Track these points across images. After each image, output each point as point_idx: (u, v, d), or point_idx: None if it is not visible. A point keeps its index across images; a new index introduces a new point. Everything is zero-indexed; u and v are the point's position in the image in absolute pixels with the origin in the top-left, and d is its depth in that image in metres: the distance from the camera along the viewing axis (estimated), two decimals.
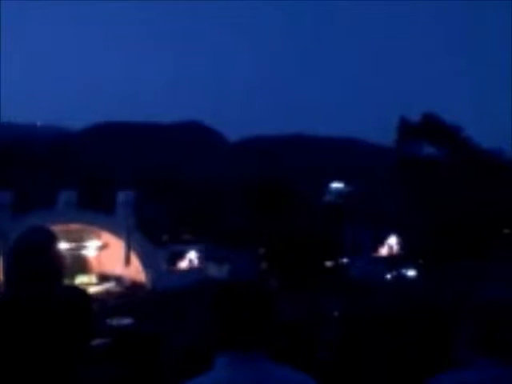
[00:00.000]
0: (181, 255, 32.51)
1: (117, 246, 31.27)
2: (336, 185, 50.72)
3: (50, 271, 2.81)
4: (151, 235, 32.85)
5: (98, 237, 31.68)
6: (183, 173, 56.88)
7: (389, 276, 33.22)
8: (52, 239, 2.95)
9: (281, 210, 39.18)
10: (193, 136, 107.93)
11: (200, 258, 32.70)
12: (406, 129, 42.84)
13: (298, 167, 66.05)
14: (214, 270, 31.70)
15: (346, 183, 50.81)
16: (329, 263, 36.26)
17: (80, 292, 2.98)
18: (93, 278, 30.34)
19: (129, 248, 31.05)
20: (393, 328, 8.43)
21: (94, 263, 31.62)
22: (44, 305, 2.71)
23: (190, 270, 31.82)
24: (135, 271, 31.04)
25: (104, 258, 31.59)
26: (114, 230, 31.24)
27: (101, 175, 46.69)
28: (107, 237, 31.61)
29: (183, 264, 32.41)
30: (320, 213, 42.17)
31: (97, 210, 31.26)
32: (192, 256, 32.65)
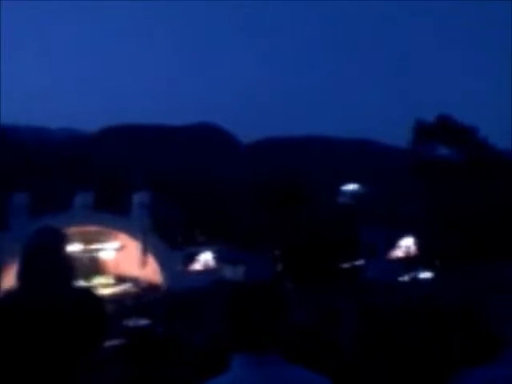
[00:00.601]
0: (196, 257, 32.61)
1: (133, 247, 31.43)
2: (350, 186, 50.51)
3: (60, 271, 2.83)
4: (166, 236, 32.96)
5: (115, 238, 31.87)
6: (197, 174, 56.96)
7: (405, 278, 33.04)
8: (62, 240, 2.96)
9: (295, 211, 39.12)
10: (206, 138, 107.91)
11: (215, 260, 32.77)
12: (421, 130, 42.63)
13: (311, 169, 65.83)
14: (228, 272, 31.76)
15: (361, 185, 50.58)
16: (344, 265, 36.11)
17: (90, 294, 2.99)
18: (110, 280, 30.53)
19: (145, 249, 31.20)
20: (409, 330, 8.40)
21: (110, 265, 31.80)
22: (52, 305, 2.73)
23: (206, 272, 31.90)
24: (151, 272, 31.17)
25: (120, 259, 31.76)
26: (130, 232, 31.42)
27: (116, 177, 46.90)
28: (124, 238, 31.79)
29: (198, 265, 32.49)
30: (334, 214, 42.03)
31: (113, 211, 31.46)
32: (207, 257, 32.73)
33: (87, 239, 30.01)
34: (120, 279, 30.89)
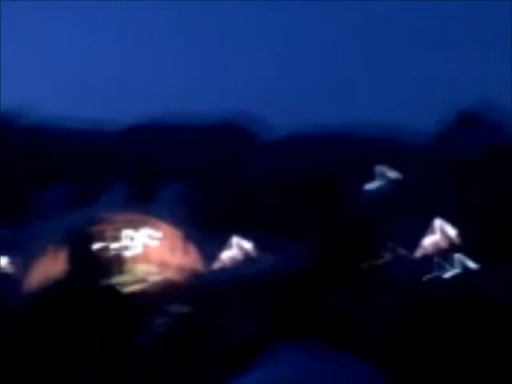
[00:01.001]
0: (232, 247, 33.04)
1: (172, 236, 31.93)
2: (385, 174, 49.98)
3: (97, 261, 3.03)
4: (204, 227, 33.31)
5: (155, 228, 32.39)
6: (230, 166, 57.05)
7: (442, 269, 32.69)
8: (98, 231, 3.15)
9: (328, 203, 38.95)
10: (238, 129, 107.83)
11: (251, 251, 33.11)
12: (460, 117, 41.97)
13: (345, 157, 65.36)
14: (264, 262, 31.98)
15: (396, 173, 50.00)
16: (374, 260, 35.83)
17: (118, 285, 3.17)
18: (149, 268, 31.01)
19: (184, 239, 31.69)
20: (449, 324, 8.14)
21: (150, 254, 32.33)
22: (90, 293, 2.92)
23: (242, 262, 32.21)
24: (191, 261, 31.60)
25: (160, 248, 32.28)
26: (170, 221, 31.91)
27: (151, 168, 47.37)
28: (163, 227, 32.30)
29: (235, 255, 32.88)
30: (365, 207, 41.69)
31: (150, 201, 31.92)
32: (244, 248, 33.09)
33: (127, 228, 30.59)
34: (160, 267, 31.34)
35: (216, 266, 30.78)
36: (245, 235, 34.16)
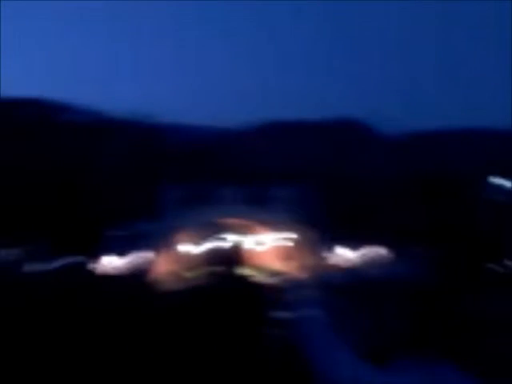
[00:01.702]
0: (341, 252, 32.63)
1: (281, 241, 32.11)
2: (504, 182, 47.70)
3: (220, 262, 2.85)
4: (314, 232, 33.20)
5: (264, 231, 32.72)
6: (342, 170, 56.55)
7: None
8: (220, 232, 3.00)
9: (446, 207, 37.79)
10: (351, 130, 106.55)
11: (362, 256, 32.61)
12: None
13: (461, 162, 63.03)
14: (377, 269, 31.28)
15: None
16: (501, 263, 34.36)
17: (248, 282, 3.00)
18: (258, 272, 31.24)
19: (293, 243, 31.79)
20: None
21: (259, 257, 32.61)
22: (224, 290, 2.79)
23: (352, 268, 31.74)
24: (298, 267, 31.54)
25: (269, 252, 32.53)
26: (279, 226, 32.18)
27: (263, 173, 47.79)
28: (272, 232, 32.55)
29: (343, 262, 32.45)
30: (487, 210, 40.15)
31: (260, 206, 32.37)
32: (352, 254, 32.60)
33: (237, 232, 31.32)
34: (268, 272, 31.49)
35: (339, 268, 30.68)
36: (367, 237, 33.63)
